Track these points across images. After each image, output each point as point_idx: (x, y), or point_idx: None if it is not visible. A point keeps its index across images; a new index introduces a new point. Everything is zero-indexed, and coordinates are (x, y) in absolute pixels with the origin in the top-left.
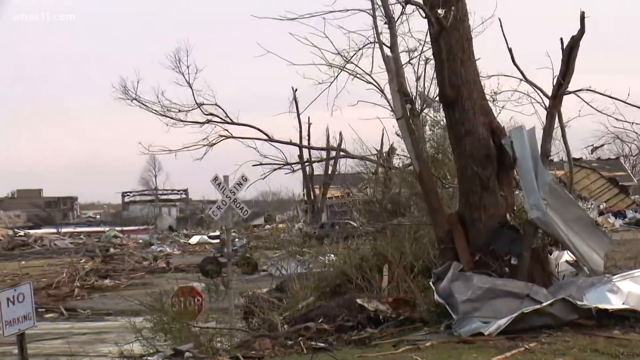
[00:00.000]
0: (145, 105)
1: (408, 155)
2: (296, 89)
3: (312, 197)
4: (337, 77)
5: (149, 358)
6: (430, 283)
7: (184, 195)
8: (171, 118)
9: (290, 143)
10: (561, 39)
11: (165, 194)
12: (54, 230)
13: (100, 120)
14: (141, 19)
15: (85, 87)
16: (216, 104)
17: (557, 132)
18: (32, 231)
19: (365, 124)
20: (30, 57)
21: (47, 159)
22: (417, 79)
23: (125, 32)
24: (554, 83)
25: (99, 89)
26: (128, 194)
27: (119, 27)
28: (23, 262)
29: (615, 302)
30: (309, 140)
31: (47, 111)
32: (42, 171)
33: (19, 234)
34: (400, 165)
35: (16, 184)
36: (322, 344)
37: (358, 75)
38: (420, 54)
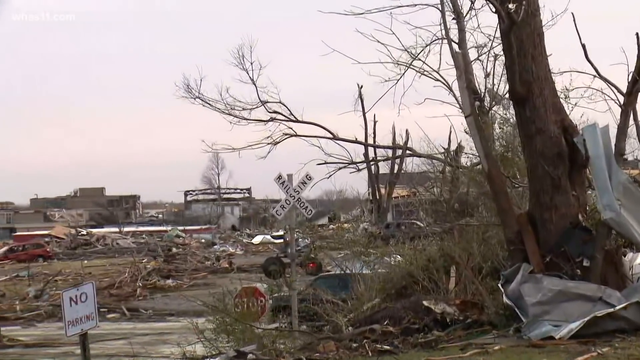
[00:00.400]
0: (209, 104)
1: (476, 154)
2: (361, 86)
3: (378, 197)
4: (403, 74)
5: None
6: (499, 285)
7: (247, 194)
8: (234, 116)
9: (356, 141)
10: (637, 34)
11: (228, 193)
12: (116, 230)
13: (163, 119)
14: (205, 15)
15: (148, 84)
16: (280, 102)
17: (632, 129)
18: (94, 230)
19: (433, 122)
20: (94, 56)
21: (109, 158)
22: (486, 75)
23: (189, 29)
24: (629, 79)
25: (162, 86)
26: (191, 192)
27: (183, 24)
28: (85, 262)
29: None
30: (374, 138)
31: (111, 109)
32: (104, 170)
33: (82, 233)
34: (469, 164)
35: (78, 183)
36: (387, 347)
37: (425, 73)
38: (489, 50)
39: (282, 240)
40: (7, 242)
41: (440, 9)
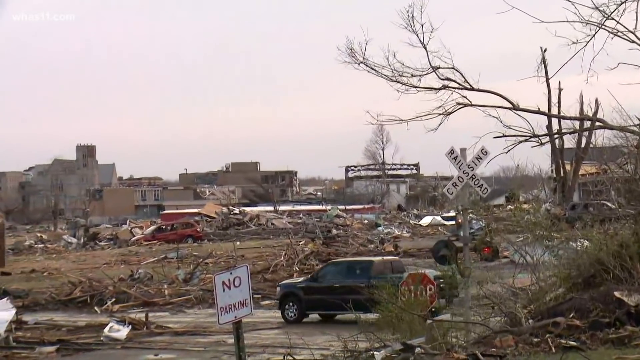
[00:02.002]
0: (374, 69)
1: None
2: (545, 50)
3: (562, 174)
4: (594, 35)
5: (375, 353)
6: None
7: (414, 171)
8: (402, 83)
9: (538, 112)
10: None
11: (393, 169)
12: (271, 208)
13: (323, 88)
14: None
15: (306, 49)
16: (453, 68)
17: None
18: (247, 209)
19: (627, 89)
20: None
21: (264, 130)
22: None
23: None
24: None
25: (323, 52)
26: (352, 168)
27: None
28: (238, 243)
29: None
30: (559, 108)
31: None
32: (259, 143)
33: (234, 211)
34: None
35: (231, 157)
36: (573, 342)
37: (619, 34)
38: None
39: (453, 222)
40: (154, 221)
41: None
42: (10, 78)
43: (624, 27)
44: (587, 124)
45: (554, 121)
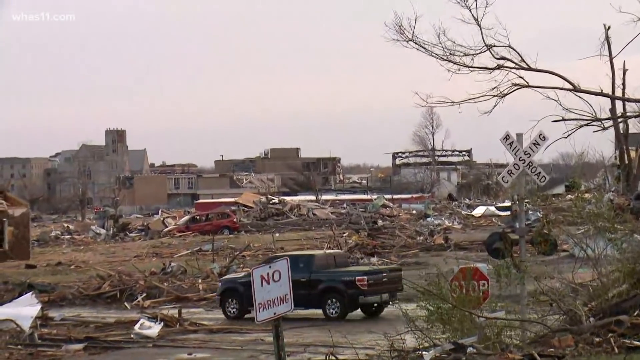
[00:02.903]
0: (424, 48)
1: None
2: (609, 27)
3: (627, 161)
4: None
5: (424, 352)
6: None
7: (466, 157)
8: (454, 63)
9: (601, 94)
10: None
11: (444, 156)
12: (313, 198)
13: (368, 68)
14: None
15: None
16: (509, 46)
17: None
18: (287, 198)
19: None
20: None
21: (305, 114)
22: None
23: None
24: None
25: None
26: (400, 154)
27: None
28: (277, 235)
29: None
30: (623, 90)
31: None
32: (300, 128)
33: (273, 201)
34: None
35: (270, 143)
36: (637, 342)
37: None
38: None
39: (508, 213)
40: (188, 211)
41: None
42: (36, 59)
43: None
44: None
45: (618, 104)
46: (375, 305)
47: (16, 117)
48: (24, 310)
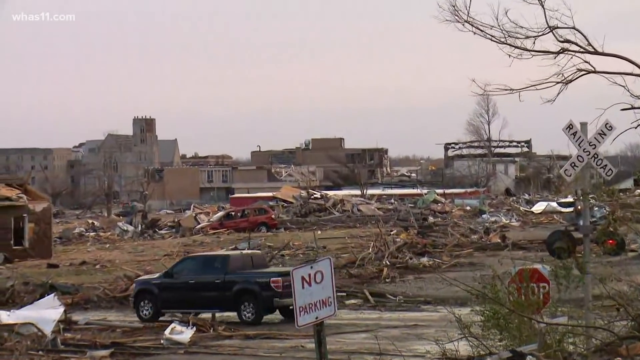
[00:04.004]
0: (481, 30)
1: None
2: None
3: None
4: None
5: None
6: None
7: (525, 149)
8: (514, 46)
9: None
10: None
11: (501, 147)
12: (358, 192)
13: (418, 52)
14: None
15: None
16: (574, 28)
17: None
18: (330, 192)
19: None
20: None
21: (350, 102)
22: None
23: None
24: None
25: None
26: (452, 146)
27: None
28: (319, 232)
29: None
30: None
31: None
32: (344, 116)
33: (314, 195)
34: None
35: (311, 132)
36: None
37: None
38: None
39: (571, 209)
40: (223, 206)
41: None
42: (61, 44)
43: None
44: None
45: None
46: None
47: (37, 105)
48: (46, 313)
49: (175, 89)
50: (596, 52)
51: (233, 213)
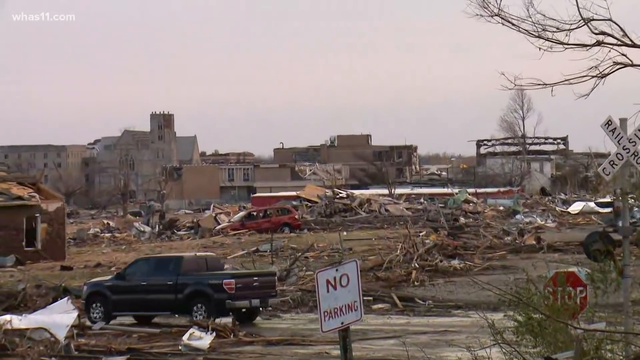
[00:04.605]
0: (511, 23)
1: None
2: None
3: None
4: None
5: None
6: None
7: (561, 146)
8: (546, 39)
9: None
10: None
11: (536, 144)
12: (385, 191)
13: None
14: None
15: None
16: (610, 19)
17: None
18: (356, 192)
19: None
20: None
21: (375, 96)
22: None
23: None
24: None
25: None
26: (485, 143)
27: None
28: (344, 233)
29: None
30: None
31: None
32: (369, 111)
33: (340, 195)
34: None
35: (336, 128)
36: None
37: None
38: None
39: (610, 210)
40: (244, 206)
41: None
42: (76, 37)
43: None
44: None
45: None
46: (244, 310)
47: (50, 101)
48: (59, 317)
49: (195, 83)
50: (634, 45)
51: (255, 213)
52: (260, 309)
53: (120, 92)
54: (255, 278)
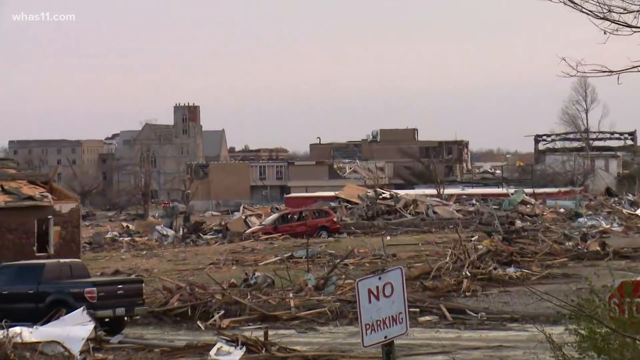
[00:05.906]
0: (573, 3)
1: None
2: None
3: None
4: None
5: None
6: None
7: (629, 141)
8: (612, 21)
9: None
10: None
11: (601, 139)
12: (433, 192)
13: (501, 28)
14: None
15: None
16: None
17: None
18: (401, 192)
19: None
20: None
21: (421, 87)
22: None
23: None
24: None
25: None
26: (544, 138)
27: None
28: (388, 238)
29: None
30: None
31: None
32: (415, 103)
33: (383, 195)
34: None
35: (379, 122)
36: None
37: None
38: None
39: None
40: (277, 207)
41: None
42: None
43: None
44: None
45: None
46: (107, 320)
47: (64, 92)
48: (73, 330)
49: (224, 74)
50: None
51: (289, 215)
52: (126, 318)
53: (140, 83)
54: (120, 286)
